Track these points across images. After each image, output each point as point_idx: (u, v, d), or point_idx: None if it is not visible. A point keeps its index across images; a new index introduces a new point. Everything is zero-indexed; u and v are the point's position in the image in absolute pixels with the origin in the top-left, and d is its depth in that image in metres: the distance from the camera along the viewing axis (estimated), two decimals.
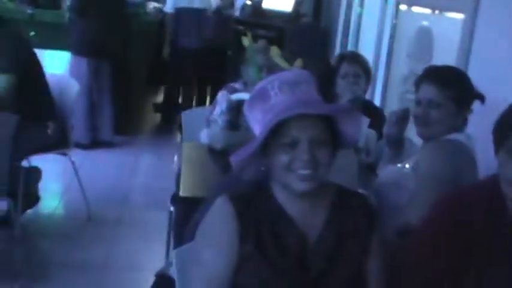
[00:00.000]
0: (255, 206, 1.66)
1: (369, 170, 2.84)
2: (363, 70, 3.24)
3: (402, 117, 2.65)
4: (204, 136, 3.38)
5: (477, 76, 2.49)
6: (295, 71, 1.86)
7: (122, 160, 5.67)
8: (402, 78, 3.97)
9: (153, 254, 3.81)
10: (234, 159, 1.67)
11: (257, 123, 1.67)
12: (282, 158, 1.60)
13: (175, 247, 3.12)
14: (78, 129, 5.65)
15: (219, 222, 1.66)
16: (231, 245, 1.62)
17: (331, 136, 1.64)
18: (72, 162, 4.17)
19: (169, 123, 6.79)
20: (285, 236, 1.64)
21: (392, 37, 4.22)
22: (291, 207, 1.66)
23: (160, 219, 3.95)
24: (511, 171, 1.65)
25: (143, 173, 5.50)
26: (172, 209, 3.25)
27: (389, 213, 2.28)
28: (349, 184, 1.99)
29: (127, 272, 3.70)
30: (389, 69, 4.21)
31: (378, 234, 1.72)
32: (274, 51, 2.15)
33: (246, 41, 2.68)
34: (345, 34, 5.49)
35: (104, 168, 5.40)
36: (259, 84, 1.68)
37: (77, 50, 5.58)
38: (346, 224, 1.69)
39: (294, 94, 1.62)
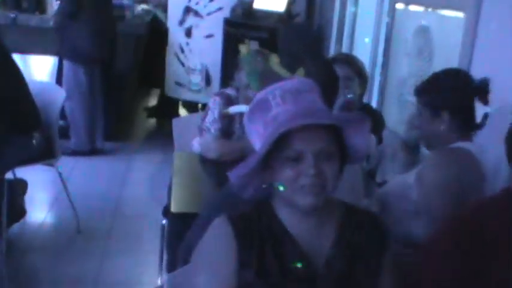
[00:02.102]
0: (256, 227, 1.53)
1: (369, 176, 2.71)
2: (355, 72, 3.10)
3: None
4: (196, 145, 3.25)
5: (481, 76, 2.39)
6: (297, 79, 1.72)
7: (113, 168, 5.51)
8: (400, 80, 3.83)
9: (146, 268, 3.69)
10: (233, 177, 1.54)
11: (258, 136, 1.54)
12: (286, 173, 1.47)
13: (168, 264, 3.00)
14: (79, 137, 5.56)
15: (217, 245, 1.53)
16: (230, 270, 1.49)
17: (339, 148, 1.50)
18: (60, 173, 4.02)
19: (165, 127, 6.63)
20: (290, 260, 1.51)
21: (388, 37, 4.08)
22: (296, 227, 1.53)
23: (153, 231, 3.81)
24: None
25: (135, 182, 5.31)
26: (164, 222, 3.12)
27: (393, 224, 2.17)
28: (354, 198, 1.86)
29: None
30: (387, 71, 4.07)
31: (390, 254, 1.59)
32: (274, 59, 2.01)
33: (243, 48, 2.54)
34: (340, 34, 5.36)
35: (95, 178, 5.24)
36: (259, 95, 1.55)
37: (73, 58, 5.43)
38: (356, 244, 1.56)
39: (296, 103, 1.49)
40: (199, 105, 6.63)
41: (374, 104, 4.19)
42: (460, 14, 3.04)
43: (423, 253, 1.82)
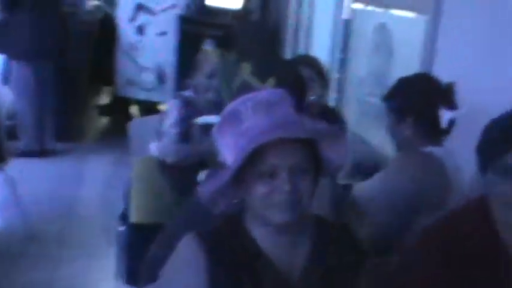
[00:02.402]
0: (228, 246, 1.45)
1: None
2: (316, 74, 3.05)
3: None
4: (154, 149, 3.14)
5: (443, 78, 2.37)
6: (269, 90, 1.64)
7: (65, 170, 5.34)
8: (360, 79, 3.81)
9: (101, 275, 3.56)
10: (204, 192, 1.47)
11: (229, 149, 1.46)
12: (259, 190, 1.40)
13: (127, 275, 2.90)
14: (28, 137, 5.37)
15: (186, 265, 1.44)
16: None
17: (314, 162, 1.44)
18: (9, 178, 3.85)
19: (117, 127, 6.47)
20: (263, 279, 1.43)
21: (347, 35, 4.06)
22: (269, 244, 1.46)
23: (108, 235, 3.70)
24: (507, 193, 1.50)
25: (88, 184, 5.15)
26: (122, 229, 3.01)
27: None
28: (323, 209, 1.80)
29: None
30: (345, 71, 4.05)
31: (366, 267, 1.54)
32: (246, 68, 1.93)
33: (213, 54, 2.45)
34: (296, 32, 5.32)
35: (46, 180, 5.06)
36: (230, 106, 1.47)
37: (17, 55, 5.24)
38: (331, 259, 1.50)
39: (269, 116, 1.42)
40: (156, 105, 6.50)
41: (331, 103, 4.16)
42: (411, 15, 3.04)
43: (397, 263, 1.78)
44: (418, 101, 2.23)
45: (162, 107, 6.56)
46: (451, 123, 2.21)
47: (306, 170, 1.41)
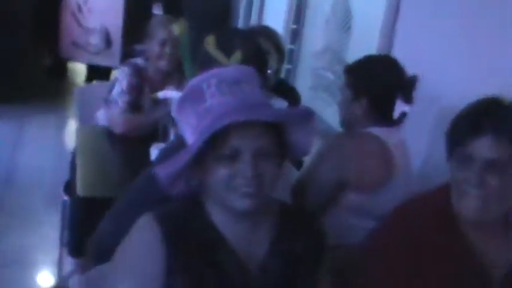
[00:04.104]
0: (186, 230, 1.37)
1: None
2: (273, 46, 2.96)
3: None
4: (102, 117, 3.03)
5: (401, 58, 2.34)
6: (234, 67, 1.55)
7: (3, 133, 5.12)
8: (315, 53, 3.75)
9: (43, 245, 3.44)
10: (162, 174, 1.37)
11: (190, 128, 1.38)
12: (220, 173, 1.32)
13: (70, 247, 2.81)
14: None
15: (141, 250, 1.36)
16: (156, 278, 1.33)
17: (279, 146, 1.37)
18: None
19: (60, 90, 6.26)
20: (223, 266, 1.37)
21: (302, 7, 3.98)
22: (230, 230, 1.39)
23: (49, 204, 3.57)
24: (463, 183, 1.52)
25: (29, 149, 4.94)
26: (66, 198, 2.91)
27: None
28: (283, 195, 1.74)
29: (12, 267, 3.27)
30: (299, 42, 3.98)
31: (328, 257, 1.50)
32: (210, 41, 1.81)
33: (177, 27, 2.31)
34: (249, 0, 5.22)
35: None
36: (192, 82, 1.38)
37: None
38: (293, 248, 1.44)
39: (234, 95, 1.33)
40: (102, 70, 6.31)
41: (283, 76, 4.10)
42: None
43: (358, 252, 1.75)
44: (378, 85, 2.19)
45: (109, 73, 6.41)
46: (403, 115, 2.18)
47: (271, 154, 1.34)
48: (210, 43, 1.82)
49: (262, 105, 1.36)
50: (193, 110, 1.36)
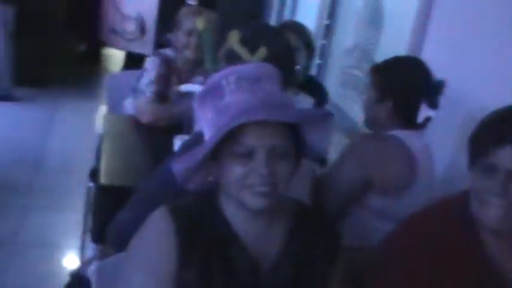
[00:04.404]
0: (200, 224, 1.38)
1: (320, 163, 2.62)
2: (303, 42, 2.96)
3: None
4: (129, 106, 3.07)
5: (432, 59, 2.31)
6: (256, 64, 1.55)
7: (35, 117, 5.20)
8: (345, 50, 3.72)
9: (67, 229, 3.50)
10: (178, 170, 1.39)
11: (207, 123, 1.38)
12: (235, 170, 1.32)
13: (92, 233, 2.85)
14: (2, 81, 5.21)
15: (155, 242, 1.37)
16: (168, 271, 1.35)
17: (295, 145, 1.37)
18: None
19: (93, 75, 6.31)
20: (234, 263, 1.38)
21: (335, 3, 3.96)
22: (243, 227, 1.40)
23: (76, 188, 3.63)
24: (484, 192, 1.50)
25: (61, 133, 5.02)
26: (91, 185, 2.95)
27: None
28: (301, 194, 1.74)
29: (38, 249, 3.34)
30: (331, 38, 3.96)
31: (341, 260, 1.50)
32: (234, 37, 1.80)
33: (200, 22, 2.32)
34: None
35: (15, 126, 4.93)
36: (213, 78, 1.39)
37: None
38: (306, 248, 1.45)
39: (253, 93, 1.33)
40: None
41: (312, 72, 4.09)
42: None
43: (377, 254, 1.74)
44: (404, 88, 2.16)
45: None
46: (427, 120, 2.16)
47: (286, 154, 1.34)
48: (233, 38, 1.81)
49: (281, 105, 1.36)
50: (212, 106, 1.36)
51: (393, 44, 3.03)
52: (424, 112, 2.12)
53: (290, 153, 1.35)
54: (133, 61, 6.35)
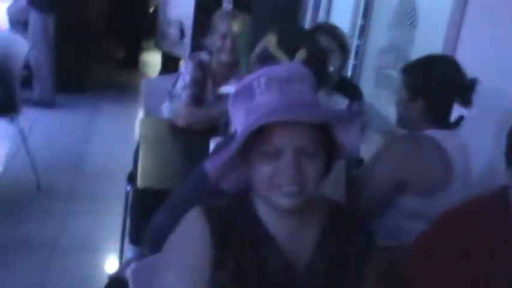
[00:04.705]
0: (234, 224, 1.39)
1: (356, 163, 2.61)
2: (337, 44, 2.96)
3: None
4: (166, 110, 3.10)
5: (466, 57, 2.29)
6: (288, 65, 1.56)
7: (77, 122, 5.31)
8: (380, 51, 3.71)
9: (107, 233, 3.56)
10: (210, 168, 1.40)
11: (239, 124, 1.40)
12: (263, 170, 1.33)
13: (130, 235, 2.89)
14: (43, 88, 5.34)
15: (190, 242, 1.39)
16: (203, 271, 1.35)
17: (325, 145, 1.37)
18: (20, 129, 3.83)
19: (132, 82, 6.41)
20: (268, 263, 1.38)
21: (369, 3, 3.94)
22: (276, 227, 1.40)
23: (116, 192, 3.68)
24: None
25: (101, 138, 5.11)
26: (129, 188, 2.99)
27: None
28: (336, 193, 1.75)
29: (78, 252, 3.40)
30: (366, 39, 3.94)
31: (375, 261, 1.48)
32: (272, 40, 1.81)
33: (235, 26, 2.33)
34: None
35: (58, 132, 5.03)
36: (245, 79, 1.40)
37: (43, 6, 5.16)
38: (340, 247, 1.44)
39: (282, 94, 1.34)
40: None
41: (347, 73, 4.08)
42: None
43: (410, 253, 1.74)
44: (435, 87, 2.14)
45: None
46: (460, 119, 2.14)
47: (315, 154, 1.34)
48: (270, 41, 1.82)
49: (309, 106, 1.36)
50: (244, 107, 1.38)
51: (428, 43, 3.00)
52: (457, 111, 2.10)
53: (319, 154, 1.35)
54: (171, 64, 6.43)
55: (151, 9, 6.22)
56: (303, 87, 1.38)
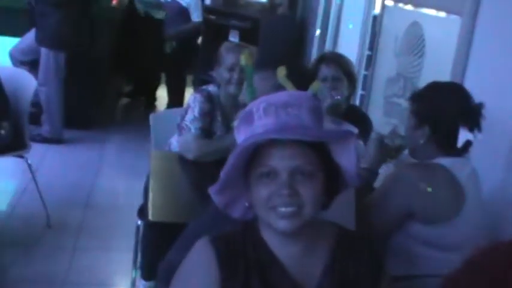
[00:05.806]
0: (241, 252, 1.41)
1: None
2: (344, 73, 2.97)
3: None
4: (175, 143, 3.10)
5: (475, 84, 2.29)
6: (290, 92, 1.61)
7: (85, 158, 5.31)
8: (388, 79, 3.71)
9: (118, 268, 3.54)
10: (212, 193, 1.46)
11: None
12: (261, 192, 1.36)
13: (142, 271, 2.87)
14: (53, 124, 5.36)
15: (197, 272, 1.41)
16: None
17: (323, 167, 1.38)
18: (29, 165, 3.83)
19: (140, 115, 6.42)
20: (276, 287, 1.39)
21: (377, 31, 3.96)
22: (283, 251, 1.41)
23: (126, 227, 3.66)
24: None
25: (109, 173, 5.12)
26: (139, 223, 2.97)
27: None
28: (346, 220, 1.73)
29: None
30: (373, 68, 3.95)
31: (385, 281, 1.48)
32: (281, 72, 1.86)
33: (243, 58, 2.37)
34: (324, 27, 5.22)
35: (67, 167, 5.03)
36: (248, 106, 1.46)
37: (54, 44, 5.21)
38: (348, 272, 1.44)
39: (278, 117, 1.38)
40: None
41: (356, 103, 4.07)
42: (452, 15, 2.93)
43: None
44: (440, 112, 2.14)
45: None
46: (468, 144, 2.12)
47: (310, 174, 1.35)
48: (281, 73, 1.86)
49: (302, 128, 1.38)
50: (244, 131, 1.42)
51: (436, 71, 3.00)
52: (463, 136, 2.09)
53: (315, 174, 1.37)
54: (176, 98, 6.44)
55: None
56: (300, 111, 1.40)
